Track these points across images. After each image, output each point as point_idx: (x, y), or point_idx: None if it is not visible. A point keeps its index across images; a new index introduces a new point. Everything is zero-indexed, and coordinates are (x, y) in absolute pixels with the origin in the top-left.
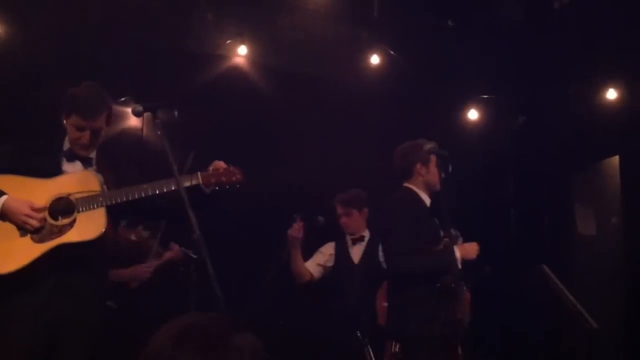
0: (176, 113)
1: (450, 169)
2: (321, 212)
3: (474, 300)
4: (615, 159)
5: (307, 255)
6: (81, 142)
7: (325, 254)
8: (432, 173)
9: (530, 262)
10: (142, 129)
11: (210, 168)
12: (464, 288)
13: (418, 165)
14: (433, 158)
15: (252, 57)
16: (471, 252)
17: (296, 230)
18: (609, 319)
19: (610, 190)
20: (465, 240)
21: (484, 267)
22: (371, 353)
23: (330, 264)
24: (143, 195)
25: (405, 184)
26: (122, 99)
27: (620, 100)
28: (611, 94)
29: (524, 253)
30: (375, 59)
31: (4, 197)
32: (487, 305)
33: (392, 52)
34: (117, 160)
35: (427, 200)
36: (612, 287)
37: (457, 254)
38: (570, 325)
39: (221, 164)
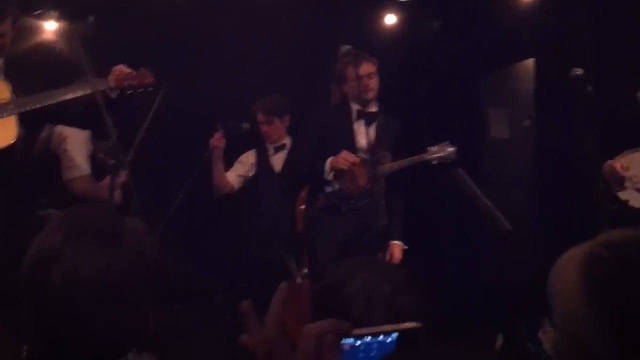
0: (91, 19)
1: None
2: (244, 120)
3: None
4: (530, 61)
5: (229, 166)
6: None
7: (246, 163)
8: (348, 88)
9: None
10: (56, 40)
11: (113, 73)
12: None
13: (333, 86)
14: (347, 74)
15: None
16: (340, 160)
17: (217, 139)
18: (522, 221)
19: (523, 93)
20: None
21: None
22: (293, 262)
23: (251, 173)
24: (55, 101)
25: None
26: (37, 11)
27: (536, 1)
28: None
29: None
30: None
31: None
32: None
33: None
34: (28, 69)
35: (354, 108)
36: (524, 190)
37: (327, 164)
38: (484, 228)
39: (123, 68)
